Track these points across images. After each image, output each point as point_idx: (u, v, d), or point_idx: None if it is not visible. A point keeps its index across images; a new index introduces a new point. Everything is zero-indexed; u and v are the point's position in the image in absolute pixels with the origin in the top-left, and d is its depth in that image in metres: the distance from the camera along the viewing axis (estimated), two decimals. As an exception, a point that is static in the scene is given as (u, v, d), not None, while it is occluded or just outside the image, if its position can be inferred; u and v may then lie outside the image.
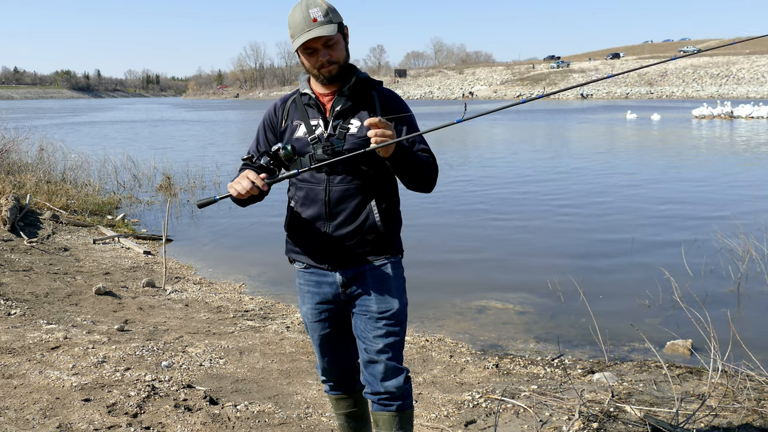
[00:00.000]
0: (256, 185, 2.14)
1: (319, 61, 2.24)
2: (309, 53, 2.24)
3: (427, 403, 3.78)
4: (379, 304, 2.34)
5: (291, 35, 2.24)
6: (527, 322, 5.68)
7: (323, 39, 2.21)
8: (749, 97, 61.32)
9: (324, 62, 2.23)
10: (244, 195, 2.16)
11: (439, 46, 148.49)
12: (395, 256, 2.41)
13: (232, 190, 2.17)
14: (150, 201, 12.19)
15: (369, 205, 2.32)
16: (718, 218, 9.52)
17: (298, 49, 2.26)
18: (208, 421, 3.31)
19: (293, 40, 2.23)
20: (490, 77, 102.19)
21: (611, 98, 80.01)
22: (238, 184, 2.15)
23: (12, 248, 7.10)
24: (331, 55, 2.24)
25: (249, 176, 2.14)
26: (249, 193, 2.15)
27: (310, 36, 2.17)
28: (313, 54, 2.24)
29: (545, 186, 13.66)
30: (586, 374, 4.31)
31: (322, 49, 2.23)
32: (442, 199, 11.73)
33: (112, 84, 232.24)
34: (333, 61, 2.24)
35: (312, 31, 2.17)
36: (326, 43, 2.22)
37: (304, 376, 4.14)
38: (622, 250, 8.15)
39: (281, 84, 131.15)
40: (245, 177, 2.15)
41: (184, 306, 5.73)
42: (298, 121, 2.36)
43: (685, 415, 3.39)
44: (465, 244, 8.77)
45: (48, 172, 12.03)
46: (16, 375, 3.72)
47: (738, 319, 5.46)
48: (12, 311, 5.01)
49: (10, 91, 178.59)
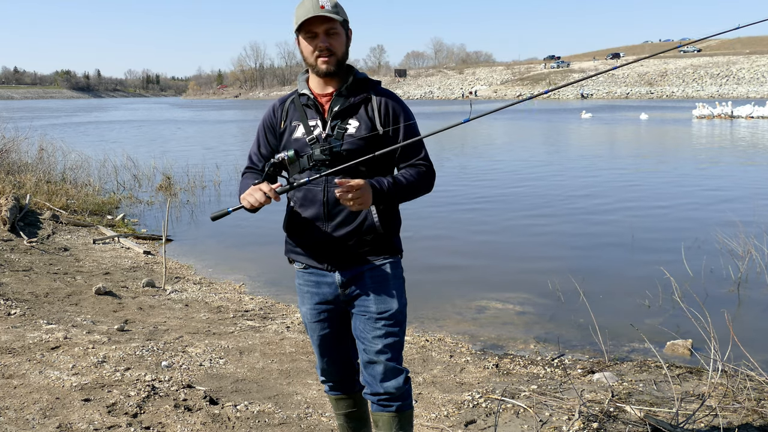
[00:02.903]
0: (269, 196, 2.16)
1: (318, 47, 2.24)
2: (310, 37, 2.25)
3: (427, 403, 3.78)
4: (378, 305, 2.34)
5: (295, 21, 2.25)
6: (527, 322, 5.68)
7: (326, 26, 2.23)
8: (749, 97, 61.33)
9: (323, 48, 2.24)
10: (258, 207, 2.19)
11: (439, 46, 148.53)
12: (394, 256, 2.41)
13: (245, 202, 2.20)
14: (150, 201, 12.18)
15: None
16: (718, 218, 9.51)
17: (299, 34, 2.27)
18: (208, 421, 3.31)
19: (296, 25, 2.25)
20: (490, 77, 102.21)
21: (611, 98, 79.99)
22: (251, 196, 2.18)
23: (12, 248, 7.10)
24: (331, 44, 2.25)
25: (262, 188, 2.16)
26: (262, 205, 2.18)
27: (312, 15, 2.19)
28: (314, 39, 2.25)
29: (545, 186, 13.66)
30: (586, 374, 4.31)
31: (322, 36, 2.24)
32: (442, 200, 11.73)
33: (112, 84, 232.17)
34: (332, 51, 2.25)
35: (316, 12, 2.20)
36: (328, 31, 2.24)
37: (304, 376, 4.14)
38: (622, 250, 8.15)
39: (281, 84, 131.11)
40: (258, 189, 2.17)
41: (184, 306, 5.73)
42: (296, 122, 2.37)
43: (685, 415, 3.39)
44: (465, 244, 8.78)
45: (48, 172, 12.04)
46: (16, 375, 3.72)
47: (738, 319, 5.46)
48: (12, 311, 5.01)
49: (10, 91, 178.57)
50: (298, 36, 2.29)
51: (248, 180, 2.37)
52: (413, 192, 2.31)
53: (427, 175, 2.35)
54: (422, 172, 2.33)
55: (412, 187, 2.30)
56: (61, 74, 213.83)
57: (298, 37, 2.30)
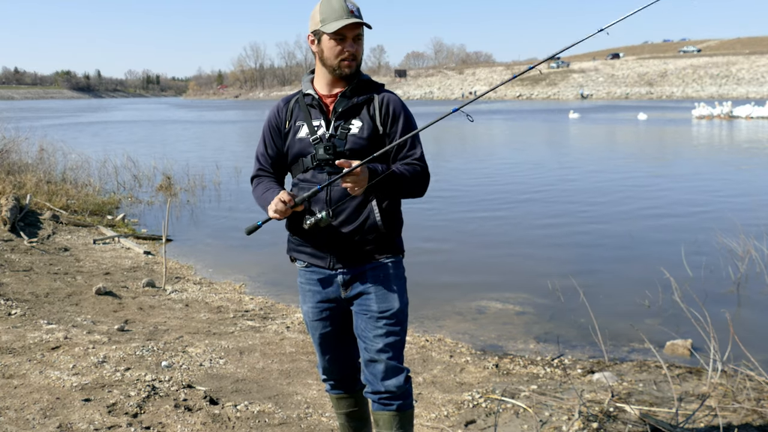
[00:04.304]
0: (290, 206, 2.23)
1: (345, 51, 2.28)
2: (339, 39, 2.28)
3: (427, 403, 3.78)
4: (380, 304, 2.35)
5: (321, 20, 2.27)
6: (527, 322, 5.68)
7: (356, 31, 2.28)
8: (749, 97, 61.33)
9: (349, 53, 2.28)
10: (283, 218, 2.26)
11: (439, 46, 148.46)
12: (396, 255, 2.42)
13: (276, 214, 2.24)
14: (150, 201, 12.19)
15: (370, 205, 2.33)
16: (718, 218, 9.51)
17: (326, 34, 2.28)
18: (208, 421, 3.32)
19: (324, 24, 2.26)
20: (490, 77, 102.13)
21: (611, 98, 79.99)
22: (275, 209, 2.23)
23: (12, 248, 7.11)
24: (357, 50, 2.30)
25: (283, 198, 2.22)
26: (286, 215, 2.25)
27: (350, 21, 2.23)
28: (342, 42, 2.28)
29: (545, 186, 13.65)
30: (586, 374, 4.31)
31: (350, 41, 2.28)
32: (443, 200, 11.74)
33: (113, 84, 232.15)
34: (356, 56, 2.30)
35: (352, 19, 2.24)
36: (356, 37, 2.29)
37: (304, 376, 4.14)
38: (622, 251, 8.15)
39: (281, 84, 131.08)
40: (280, 200, 2.22)
41: (184, 306, 5.74)
42: (300, 122, 2.39)
43: (684, 415, 3.39)
44: (465, 244, 8.78)
45: (48, 172, 12.03)
46: (16, 375, 3.73)
47: (738, 319, 5.46)
48: (12, 311, 5.01)
49: (11, 91, 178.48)
50: (320, 35, 2.30)
51: (265, 187, 2.42)
52: (406, 185, 2.31)
53: (422, 175, 2.35)
54: (417, 170, 2.34)
55: (406, 180, 2.29)
56: (61, 74, 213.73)
57: (321, 36, 2.30)
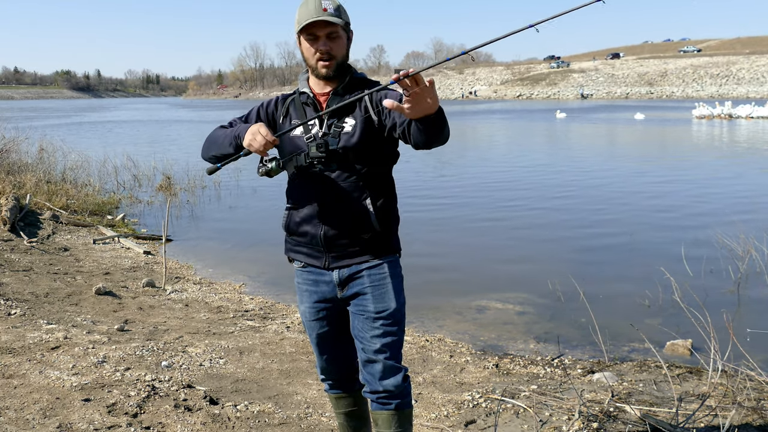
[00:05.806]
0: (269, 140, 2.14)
1: (318, 50, 2.25)
2: (311, 39, 2.26)
3: (427, 403, 3.78)
4: (376, 304, 2.34)
5: (297, 21, 2.26)
6: (527, 322, 5.68)
7: (327, 29, 2.23)
8: (749, 97, 61.25)
9: (323, 52, 2.25)
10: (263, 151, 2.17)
11: (439, 46, 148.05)
12: (392, 255, 2.41)
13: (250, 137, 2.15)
14: (150, 201, 12.19)
15: (364, 203, 2.32)
16: (718, 218, 9.51)
17: (300, 35, 2.27)
18: (208, 421, 3.31)
19: (300, 26, 2.25)
20: (490, 77, 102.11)
21: (611, 98, 79.96)
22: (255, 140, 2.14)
23: (12, 248, 7.11)
24: (331, 48, 2.26)
25: (261, 131, 2.14)
26: (266, 149, 2.16)
27: (315, 19, 2.20)
28: (314, 41, 2.26)
29: (545, 186, 13.65)
30: (586, 374, 4.31)
31: (323, 39, 2.25)
32: (441, 198, 11.73)
33: (113, 84, 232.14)
34: (332, 55, 2.26)
35: (321, 17, 2.20)
36: (329, 35, 2.25)
37: (304, 376, 4.14)
38: (622, 251, 8.15)
39: (281, 84, 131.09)
40: (258, 132, 2.14)
41: (184, 306, 5.73)
42: (295, 120, 2.38)
43: (684, 415, 3.39)
44: (465, 243, 8.77)
45: (48, 172, 12.04)
46: (16, 375, 3.73)
47: (738, 319, 5.46)
48: (12, 311, 5.01)
49: (11, 91, 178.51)
50: (299, 36, 2.30)
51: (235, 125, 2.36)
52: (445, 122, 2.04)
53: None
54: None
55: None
56: (61, 74, 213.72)
57: (299, 37, 2.30)
